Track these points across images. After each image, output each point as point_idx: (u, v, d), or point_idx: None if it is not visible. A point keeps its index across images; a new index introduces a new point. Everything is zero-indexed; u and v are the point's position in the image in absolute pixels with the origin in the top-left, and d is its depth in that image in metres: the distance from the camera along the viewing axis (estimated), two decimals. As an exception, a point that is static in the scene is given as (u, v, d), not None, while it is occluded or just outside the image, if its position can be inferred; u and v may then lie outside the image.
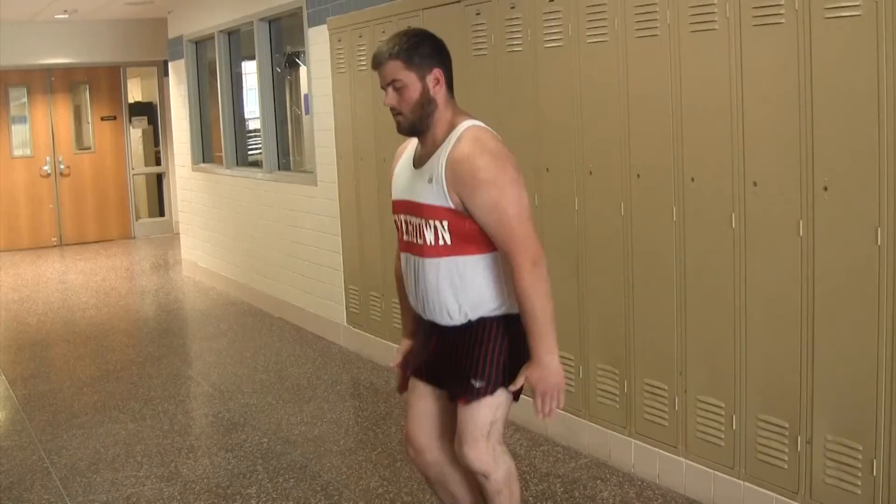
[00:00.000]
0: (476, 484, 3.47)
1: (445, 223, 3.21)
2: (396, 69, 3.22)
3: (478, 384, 3.27)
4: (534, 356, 3.20)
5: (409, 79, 3.21)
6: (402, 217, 3.37)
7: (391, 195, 3.48)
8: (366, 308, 7.18)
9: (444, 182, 3.17)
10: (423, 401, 3.50)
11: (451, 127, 3.24)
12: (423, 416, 3.51)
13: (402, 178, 3.40)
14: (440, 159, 3.20)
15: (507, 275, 3.24)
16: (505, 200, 3.12)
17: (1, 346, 8.15)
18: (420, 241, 3.28)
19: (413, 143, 3.42)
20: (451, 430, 3.47)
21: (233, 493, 4.83)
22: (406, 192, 3.35)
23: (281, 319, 8.63)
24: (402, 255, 3.43)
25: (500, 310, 3.29)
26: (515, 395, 3.37)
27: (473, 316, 3.29)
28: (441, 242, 3.23)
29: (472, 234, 3.20)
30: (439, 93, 3.25)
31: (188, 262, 11.31)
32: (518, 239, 3.13)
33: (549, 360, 3.20)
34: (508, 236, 3.14)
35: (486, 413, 3.29)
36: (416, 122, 3.25)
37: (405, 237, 3.37)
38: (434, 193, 3.21)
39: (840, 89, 3.60)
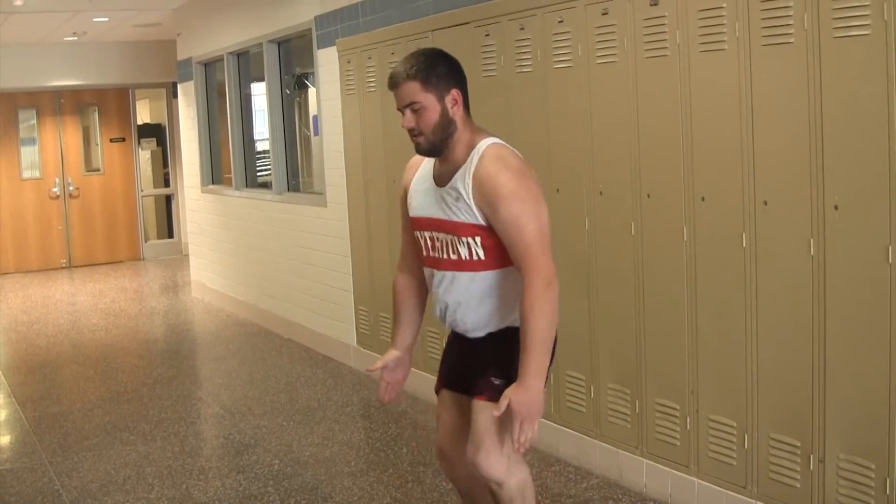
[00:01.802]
0: None
1: (478, 239, 3.23)
2: (414, 91, 3.21)
3: (497, 381, 3.27)
4: (521, 378, 3.14)
5: (428, 100, 3.21)
6: (428, 234, 3.37)
7: (409, 210, 3.48)
8: (376, 329, 7.18)
9: (472, 200, 3.19)
10: (452, 413, 3.52)
11: (471, 146, 3.25)
12: (452, 428, 3.52)
13: (424, 195, 3.39)
14: (465, 178, 3.21)
15: None
16: (525, 215, 3.13)
17: (11, 368, 8.16)
18: (454, 257, 3.29)
19: (426, 159, 3.42)
20: None
21: (244, 514, 4.83)
22: (431, 210, 3.35)
23: (291, 341, 8.63)
24: (427, 270, 3.44)
25: None
26: None
27: (501, 325, 3.31)
28: (475, 258, 3.25)
29: (502, 249, 3.22)
30: (458, 113, 3.25)
31: (197, 283, 11.32)
32: (534, 255, 3.12)
33: (536, 386, 3.13)
34: (525, 252, 3.12)
35: (500, 419, 3.24)
36: (437, 144, 3.25)
37: (432, 253, 3.38)
38: (464, 211, 3.22)
39: (850, 108, 3.61)
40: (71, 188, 14.20)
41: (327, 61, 7.50)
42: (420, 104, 3.21)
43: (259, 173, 9.96)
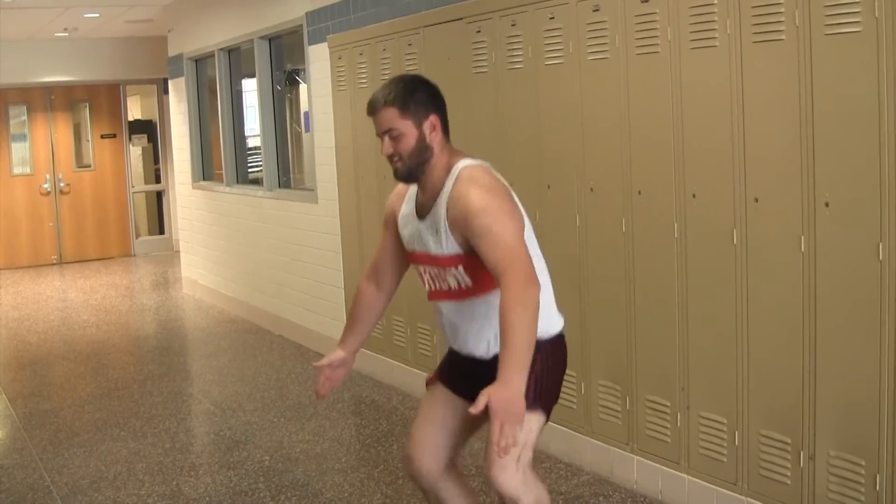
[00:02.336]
0: (470, 500, 3.46)
1: (461, 268, 3.20)
2: (392, 118, 3.18)
3: None
4: (502, 373, 2.92)
5: (406, 127, 3.18)
6: (423, 268, 3.36)
7: (404, 243, 3.45)
8: (367, 325, 7.16)
9: (448, 225, 3.17)
10: (438, 409, 3.46)
11: (448, 171, 3.22)
12: (434, 422, 3.46)
13: (411, 230, 3.38)
14: (441, 204, 3.20)
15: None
16: (499, 225, 3.06)
17: (1, 365, 8.14)
18: (445, 287, 3.30)
19: (412, 188, 3.41)
20: (452, 447, 3.45)
21: (235, 511, 4.82)
22: (419, 245, 3.33)
23: (281, 337, 8.63)
24: (434, 303, 3.42)
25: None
26: (546, 416, 3.31)
27: None
28: (463, 286, 3.24)
29: (486, 271, 3.14)
30: (435, 139, 3.22)
31: (188, 279, 11.30)
32: (513, 258, 3.02)
33: (518, 382, 2.92)
34: (503, 256, 3.02)
35: (518, 434, 3.10)
36: (413, 169, 3.22)
37: (430, 286, 3.37)
38: (443, 243, 3.21)
39: (841, 105, 3.61)
40: (62, 184, 14.17)
41: (318, 58, 7.49)
42: (398, 130, 3.18)
43: (250, 170, 9.95)
